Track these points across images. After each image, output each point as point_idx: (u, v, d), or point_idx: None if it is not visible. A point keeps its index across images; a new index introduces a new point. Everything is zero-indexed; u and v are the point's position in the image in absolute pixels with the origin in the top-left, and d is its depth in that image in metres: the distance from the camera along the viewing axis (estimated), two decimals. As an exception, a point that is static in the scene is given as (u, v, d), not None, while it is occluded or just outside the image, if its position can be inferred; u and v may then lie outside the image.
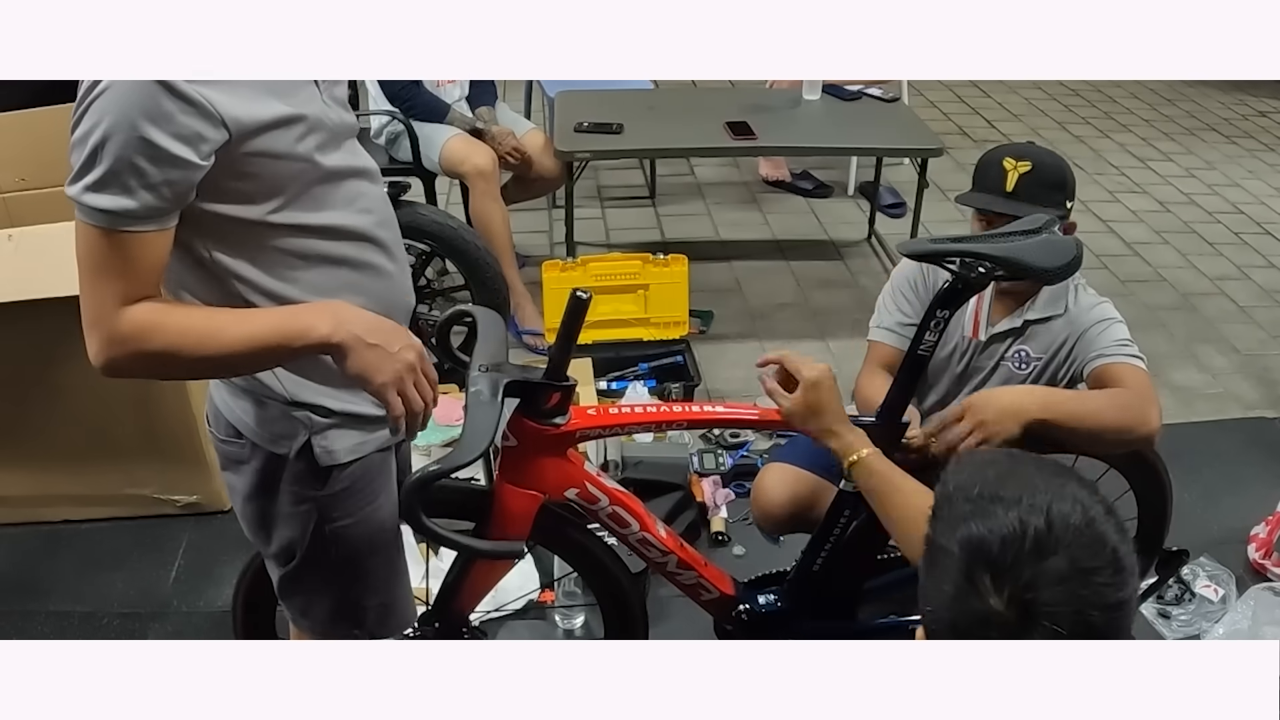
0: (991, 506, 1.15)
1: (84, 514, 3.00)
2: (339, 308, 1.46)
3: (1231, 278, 4.61)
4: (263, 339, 1.41)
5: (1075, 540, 1.12)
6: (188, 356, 1.40)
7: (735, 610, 2.18)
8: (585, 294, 1.68)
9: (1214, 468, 3.31)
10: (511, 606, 2.63)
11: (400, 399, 1.47)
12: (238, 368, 1.53)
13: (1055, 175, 2.27)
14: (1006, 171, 2.23)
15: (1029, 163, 2.23)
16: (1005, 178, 2.23)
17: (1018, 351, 2.31)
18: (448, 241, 3.35)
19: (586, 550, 2.12)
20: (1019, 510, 1.14)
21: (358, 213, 1.54)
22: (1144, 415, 2.05)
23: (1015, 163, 2.24)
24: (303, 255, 1.49)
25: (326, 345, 1.43)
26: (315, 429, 1.60)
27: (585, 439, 1.91)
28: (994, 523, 1.14)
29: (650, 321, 3.74)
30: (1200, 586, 2.74)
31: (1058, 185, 2.26)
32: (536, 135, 4.04)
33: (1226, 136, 6.22)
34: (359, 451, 1.64)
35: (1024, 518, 1.13)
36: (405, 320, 1.70)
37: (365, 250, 1.56)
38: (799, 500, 2.39)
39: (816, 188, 5.20)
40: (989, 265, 1.87)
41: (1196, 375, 3.89)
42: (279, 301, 1.49)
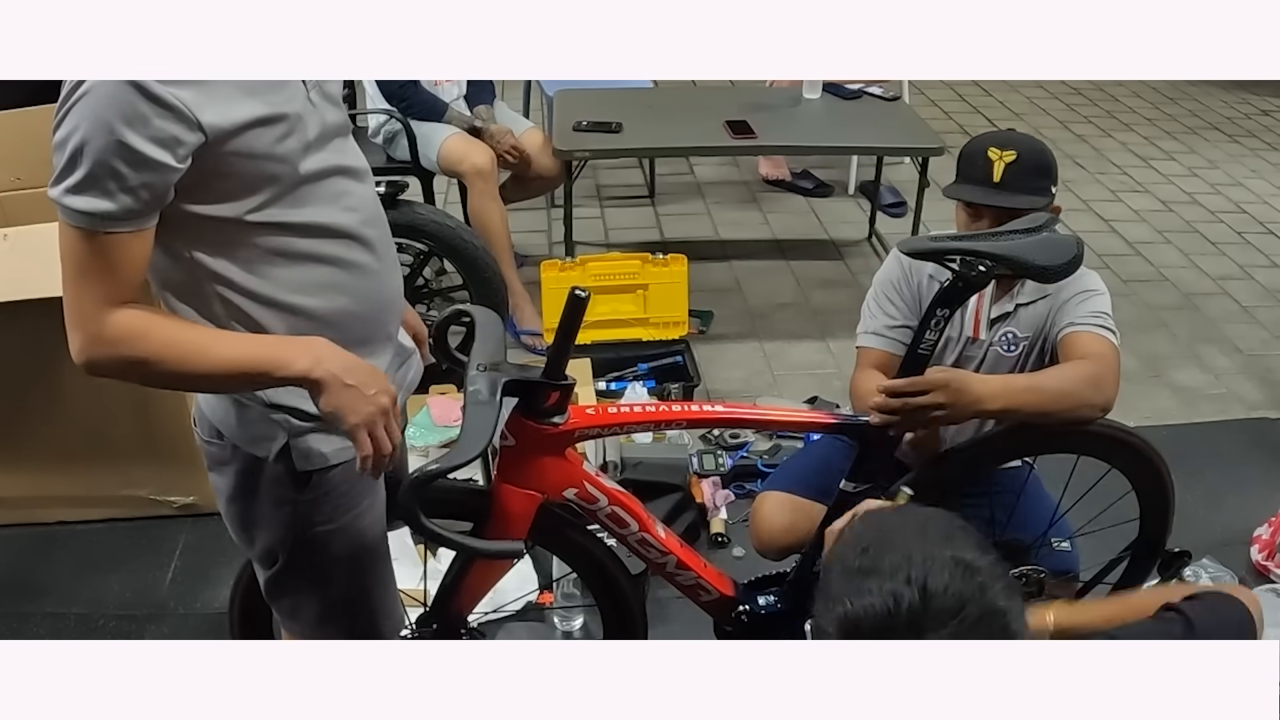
0: (865, 581, 1.10)
1: (80, 515, 3.01)
2: (319, 345, 1.49)
3: (1234, 277, 4.62)
4: (245, 363, 1.45)
5: (954, 609, 1.07)
6: (169, 369, 1.43)
7: (735, 611, 2.18)
8: (584, 292, 1.68)
9: (1216, 469, 3.32)
10: (510, 608, 2.63)
11: (370, 440, 1.50)
12: (216, 387, 1.57)
13: (1040, 162, 2.26)
14: (992, 162, 2.22)
15: (1013, 151, 2.22)
16: (991, 168, 2.22)
17: (1005, 334, 2.31)
18: (446, 241, 3.36)
19: (585, 551, 2.13)
20: (893, 584, 1.08)
21: (342, 211, 1.55)
22: (1098, 386, 2.06)
23: (1000, 152, 2.22)
24: (284, 253, 1.50)
25: (305, 379, 1.46)
26: (294, 432, 1.61)
27: (584, 439, 1.92)
28: (866, 600, 1.08)
29: (649, 321, 3.74)
30: (1202, 588, 2.75)
31: (1043, 172, 2.25)
32: (535, 134, 4.05)
33: (1229, 135, 6.24)
34: (340, 457, 1.65)
35: (897, 592, 1.07)
36: (396, 321, 1.71)
37: (350, 249, 1.57)
38: (797, 529, 2.38)
39: (816, 187, 5.21)
40: (990, 264, 1.88)
41: (1199, 376, 3.90)
42: (260, 301, 1.50)
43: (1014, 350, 2.30)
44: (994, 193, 2.21)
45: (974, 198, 2.24)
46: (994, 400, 1.99)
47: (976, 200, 2.23)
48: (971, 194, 2.25)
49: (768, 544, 2.45)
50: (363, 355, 1.55)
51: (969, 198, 2.25)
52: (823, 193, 5.20)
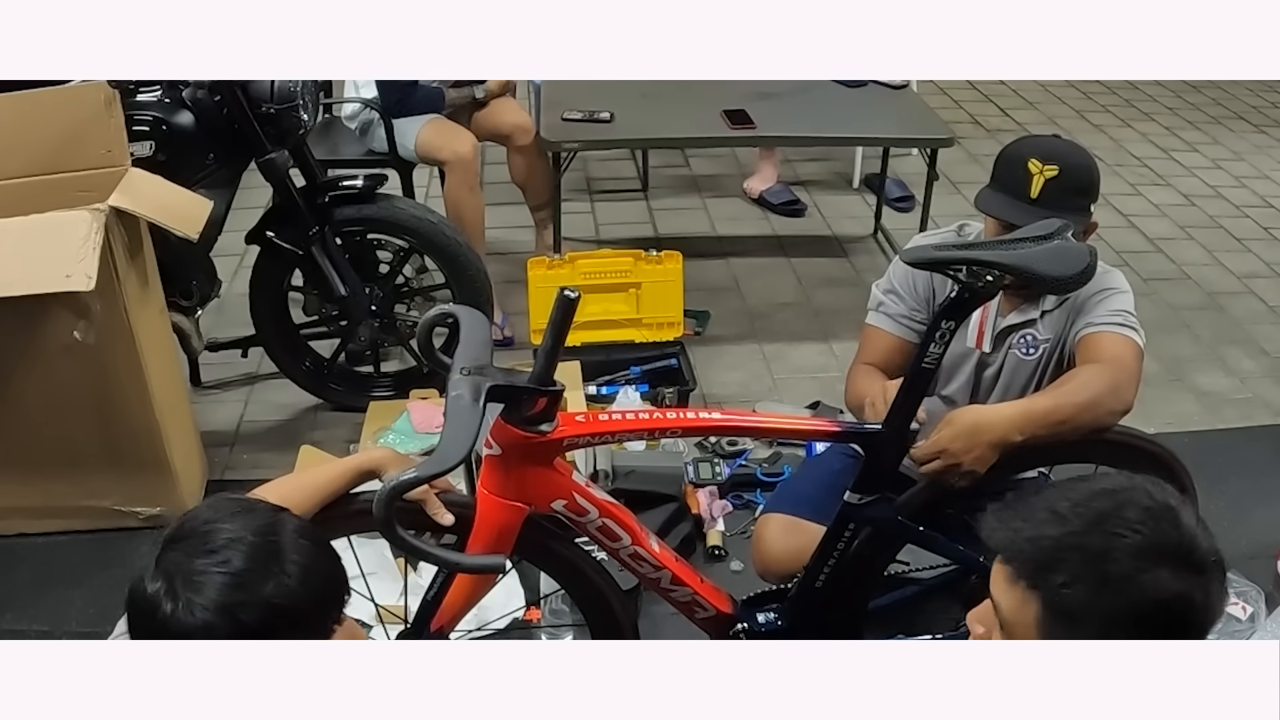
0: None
1: (39, 527, 2.99)
2: None
3: (1261, 276, 4.63)
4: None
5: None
6: None
7: (733, 629, 2.18)
8: (573, 293, 1.68)
9: (1242, 478, 3.31)
10: (495, 625, 2.63)
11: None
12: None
13: (1083, 179, 2.23)
14: (1032, 175, 2.19)
15: (1056, 167, 2.18)
16: (1030, 182, 2.19)
17: (1024, 336, 2.31)
18: (427, 237, 3.35)
19: (574, 566, 2.12)
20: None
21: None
22: (1117, 392, 2.06)
23: (1041, 166, 2.18)
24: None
25: None
26: None
27: (574, 447, 1.92)
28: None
29: (642, 322, 3.74)
30: (1227, 604, 2.75)
31: (1085, 190, 2.23)
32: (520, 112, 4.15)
33: (1255, 125, 6.24)
34: None
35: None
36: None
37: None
38: (802, 553, 2.37)
39: (784, 204, 5.00)
40: (997, 274, 1.88)
41: (1223, 379, 3.90)
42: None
43: (1033, 354, 2.30)
44: (1028, 210, 2.16)
45: (1006, 215, 2.20)
46: (1016, 432, 2.01)
47: (1008, 218, 2.18)
48: (1003, 209, 2.22)
49: (771, 568, 2.46)
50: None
51: (1000, 214, 2.22)
52: (794, 212, 4.99)
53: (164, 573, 1.33)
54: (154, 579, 1.34)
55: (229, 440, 3.44)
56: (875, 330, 2.40)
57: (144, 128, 2.99)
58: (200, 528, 1.36)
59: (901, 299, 2.37)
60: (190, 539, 1.36)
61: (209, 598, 1.30)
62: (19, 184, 2.73)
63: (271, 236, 3.25)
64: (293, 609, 1.33)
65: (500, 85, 4.04)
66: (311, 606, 1.37)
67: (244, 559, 1.33)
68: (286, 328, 3.47)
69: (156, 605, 1.32)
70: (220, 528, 1.36)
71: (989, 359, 2.35)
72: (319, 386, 3.54)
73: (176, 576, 1.32)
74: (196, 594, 1.31)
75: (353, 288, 3.29)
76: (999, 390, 2.36)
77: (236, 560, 1.33)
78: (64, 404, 2.78)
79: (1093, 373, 2.09)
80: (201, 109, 3.05)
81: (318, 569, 1.38)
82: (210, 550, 1.33)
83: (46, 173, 2.75)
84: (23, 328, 2.68)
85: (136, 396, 2.81)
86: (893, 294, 2.39)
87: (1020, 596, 1.26)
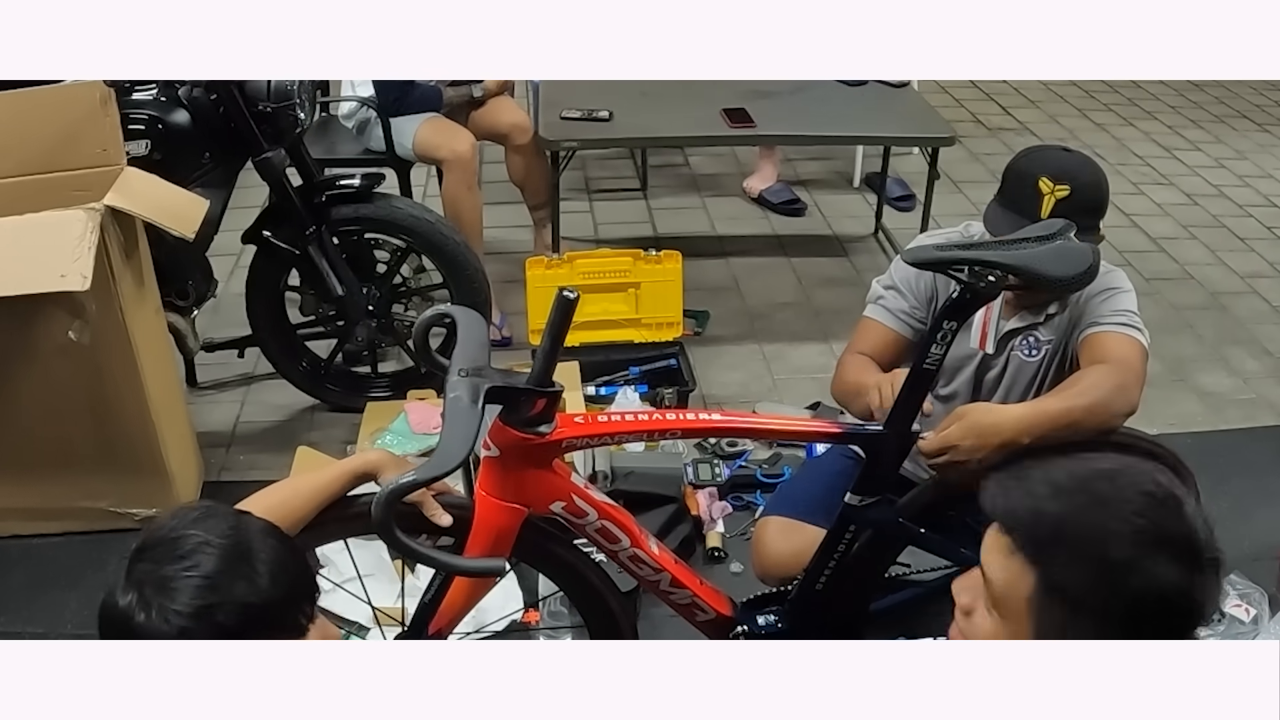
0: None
1: (34, 528, 3.00)
2: None
3: (1264, 275, 4.63)
4: None
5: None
6: None
7: (733, 632, 2.19)
8: (572, 293, 1.68)
9: (1245, 478, 3.32)
10: (493, 627, 2.63)
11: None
12: None
13: (1095, 200, 2.21)
14: (1043, 196, 2.17)
15: (1067, 187, 2.16)
16: (1040, 202, 2.17)
17: (1027, 338, 2.31)
18: (425, 237, 3.35)
19: (573, 568, 2.12)
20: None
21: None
22: (1124, 393, 2.05)
23: (1053, 186, 2.17)
24: None
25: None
26: None
27: (572, 449, 1.92)
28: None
29: (642, 322, 3.75)
30: (1230, 606, 2.75)
31: (1095, 210, 2.21)
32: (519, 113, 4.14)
33: (1259, 124, 6.24)
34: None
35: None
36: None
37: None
38: (802, 556, 2.37)
39: (784, 203, 5.02)
40: (999, 274, 1.88)
41: (1226, 380, 3.91)
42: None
43: (1036, 355, 2.31)
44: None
45: (1012, 234, 2.20)
46: (1025, 434, 1.97)
47: (1015, 237, 2.19)
48: (1011, 227, 2.17)
49: (771, 571, 2.46)
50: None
51: (1006, 234, 2.21)
52: (794, 211, 5.02)
53: (135, 583, 1.34)
54: (125, 591, 1.34)
55: (225, 441, 3.44)
56: (873, 323, 2.39)
57: (140, 126, 2.99)
58: (167, 536, 1.37)
59: (903, 295, 2.37)
60: (158, 547, 1.36)
61: (183, 602, 1.31)
62: (14, 183, 2.73)
63: (268, 236, 3.25)
64: (266, 607, 1.35)
65: (498, 84, 4.05)
66: (284, 603, 1.38)
67: (214, 561, 1.34)
68: (283, 328, 3.47)
69: (130, 616, 1.32)
70: (187, 534, 1.36)
71: (991, 361, 2.35)
72: (316, 387, 3.54)
73: (148, 585, 1.33)
74: (170, 600, 1.31)
75: (350, 287, 3.29)
76: (1001, 391, 2.36)
77: (207, 564, 1.34)
78: (59, 405, 2.78)
79: (1100, 374, 2.08)
80: (197, 108, 3.05)
81: (286, 566, 1.39)
82: (179, 556, 1.34)
83: (41, 172, 2.75)
84: (17, 328, 2.68)
85: (132, 397, 2.81)
86: (894, 290, 2.38)
87: (1019, 569, 1.26)
